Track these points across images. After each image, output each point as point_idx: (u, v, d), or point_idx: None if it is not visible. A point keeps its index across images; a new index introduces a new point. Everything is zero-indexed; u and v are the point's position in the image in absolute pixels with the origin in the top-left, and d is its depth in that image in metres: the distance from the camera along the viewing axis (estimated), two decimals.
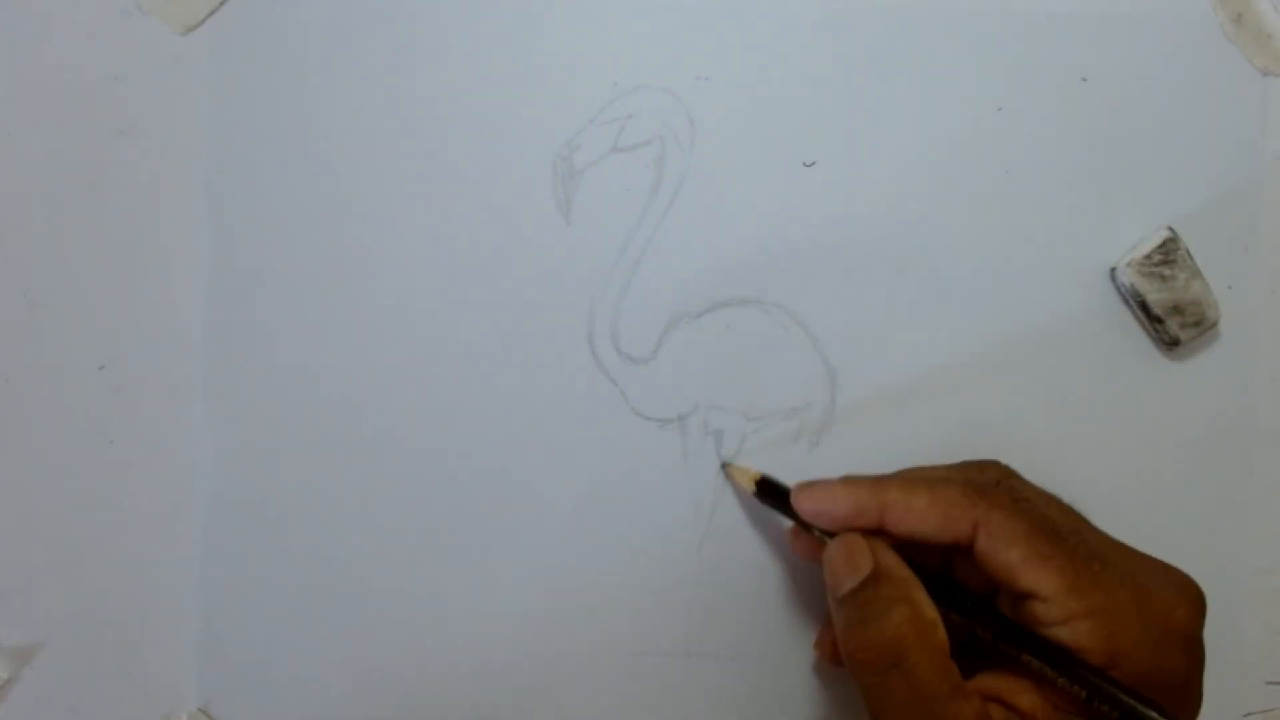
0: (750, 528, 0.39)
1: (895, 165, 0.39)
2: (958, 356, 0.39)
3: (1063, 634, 0.30)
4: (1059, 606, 0.30)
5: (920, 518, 0.32)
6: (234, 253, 0.38)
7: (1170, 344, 0.39)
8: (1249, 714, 0.40)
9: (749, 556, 0.39)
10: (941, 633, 0.31)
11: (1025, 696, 0.31)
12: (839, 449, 0.39)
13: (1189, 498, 0.39)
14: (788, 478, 0.39)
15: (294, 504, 0.38)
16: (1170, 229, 0.39)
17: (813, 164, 0.39)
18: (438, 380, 0.38)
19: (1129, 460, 0.39)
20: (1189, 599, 0.32)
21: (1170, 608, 0.31)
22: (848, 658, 0.32)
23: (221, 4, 0.38)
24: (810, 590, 0.39)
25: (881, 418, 0.39)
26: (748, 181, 0.39)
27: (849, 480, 0.34)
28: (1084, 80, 0.39)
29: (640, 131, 0.39)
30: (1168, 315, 0.39)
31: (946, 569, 0.35)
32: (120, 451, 0.38)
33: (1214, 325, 0.39)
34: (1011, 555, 0.31)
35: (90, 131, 0.38)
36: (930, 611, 0.31)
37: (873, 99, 0.39)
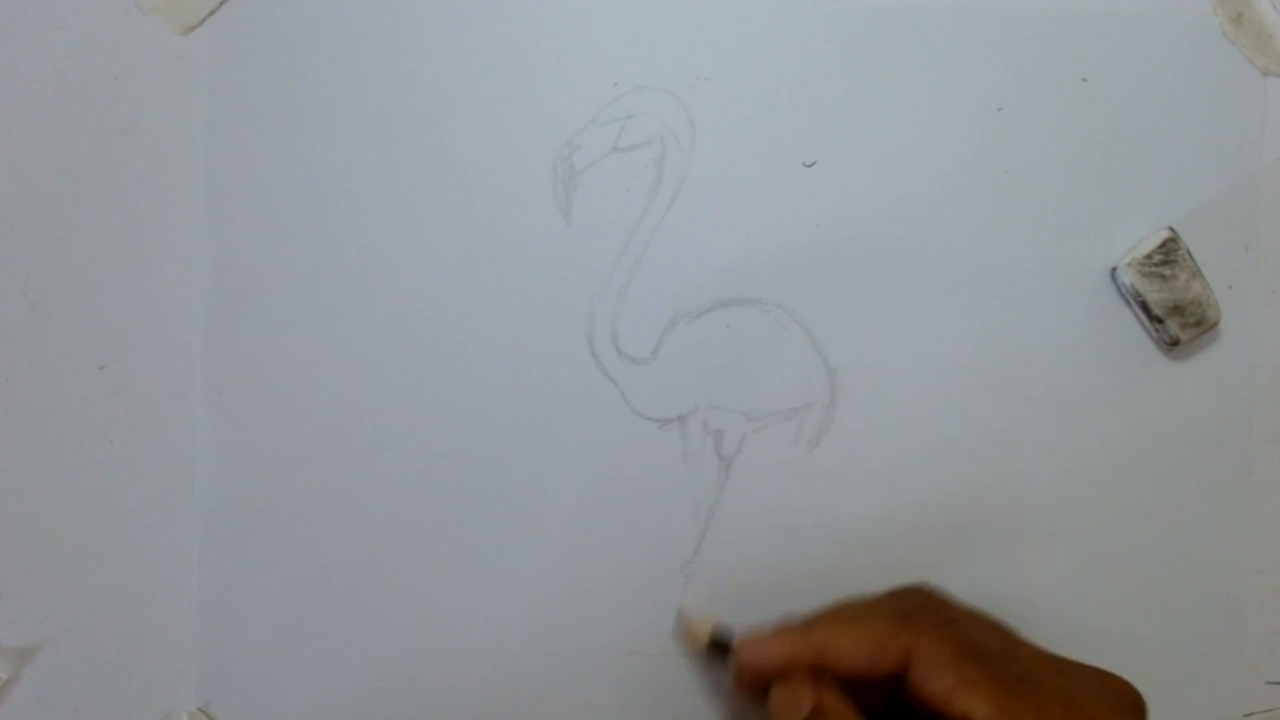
0: (750, 528, 0.39)
1: (895, 165, 0.39)
2: (958, 356, 0.39)
3: None
4: None
5: (851, 655, 0.33)
6: (234, 253, 0.38)
7: (1170, 344, 0.39)
8: (1249, 714, 0.39)
9: (749, 556, 0.39)
10: None
11: None
12: (839, 449, 0.39)
13: (1189, 498, 0.39)
14: (788, 479, 0.39)
15: (293, 504, 0.38)
16: (1171, 229, 0.39)
17: (813, 164, 0.39)
18: (437, 380, 0.38)
19: (1129, 460, 0.39)
20: (1125, 708, 0.33)
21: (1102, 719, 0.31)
22: None
23: (221, 4, 0.38)
24: (810, 590, 0.39)
25: (881, 418, 0.39)
26: (748, 181, 0.39)
27: (782, 629, 0.35)
28: (1084, 80, 0.39)
29: (640, 131, 0.39)
30: (1168, 315, 0.39)
31: (895, 701, 0.35)
32: (120, 451, 0.38)
33: (1214, 325, 0.39)
34: (942, 682, 0.31)
35: (90, 131, 0.38)
36: None
37: (873, 99, 0.39)
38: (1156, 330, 0.39)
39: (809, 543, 0.39)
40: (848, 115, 0.39)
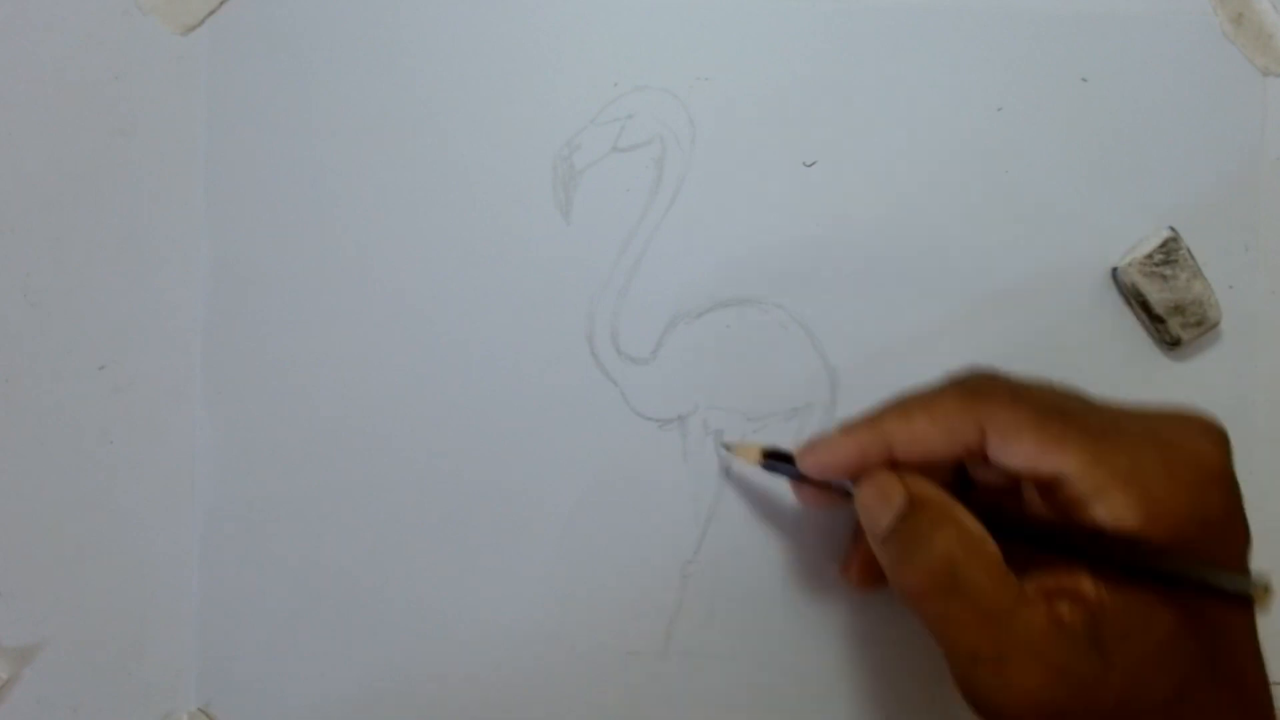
0: (750, 528, 0.39)
1: (895, 165, 0.39)
2: (958, 356, 0.39)
3: (1098, 509, 0.29)
4: (1086, 483, 0.30)
5: (925, 439, 0.32)
6: (234, 253, 0.38)
7: (1171, 344, 0.39)
8: None
9: (749, 556, 0.39)
10: (992, 545, 0.30)
11: (1085, 583, 0.30)
12: None
13: None
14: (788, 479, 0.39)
15: (293, 504, 0.38)
16: (1171, 229, 0.39)
17: (813, 164, 0.39)
18: (437, 380, 0.38)
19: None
20: (1212, 438, 0.31)
21: (1196, 451, 0.30)
22: (903, 594, 0.31)
23: (221, 4, 0.38)
24: (811, 590, 0.39)
25: None
26: (748, 181, 0.39)
27: (847, 427, 0.34)
28: (1084, 80, 0.39)
29: (640, 131, 0.39)
30: (1169, 315, 0.39)
31: (968, 486, 0.35)
32: (120, 451, 0.38)
33: (1215, 325, 0.39)
34: (1025, 446, 0.30)
35: (90, 131, 0.38)
36: (976, 526, 0.31)
37: (873, 99, 0.39)
38: (1157, 330, 0.39)
39: (809, 543, 0.39)
40: (848, 115, 0.39)
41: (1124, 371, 0.39)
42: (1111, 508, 0.29)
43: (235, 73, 0.38)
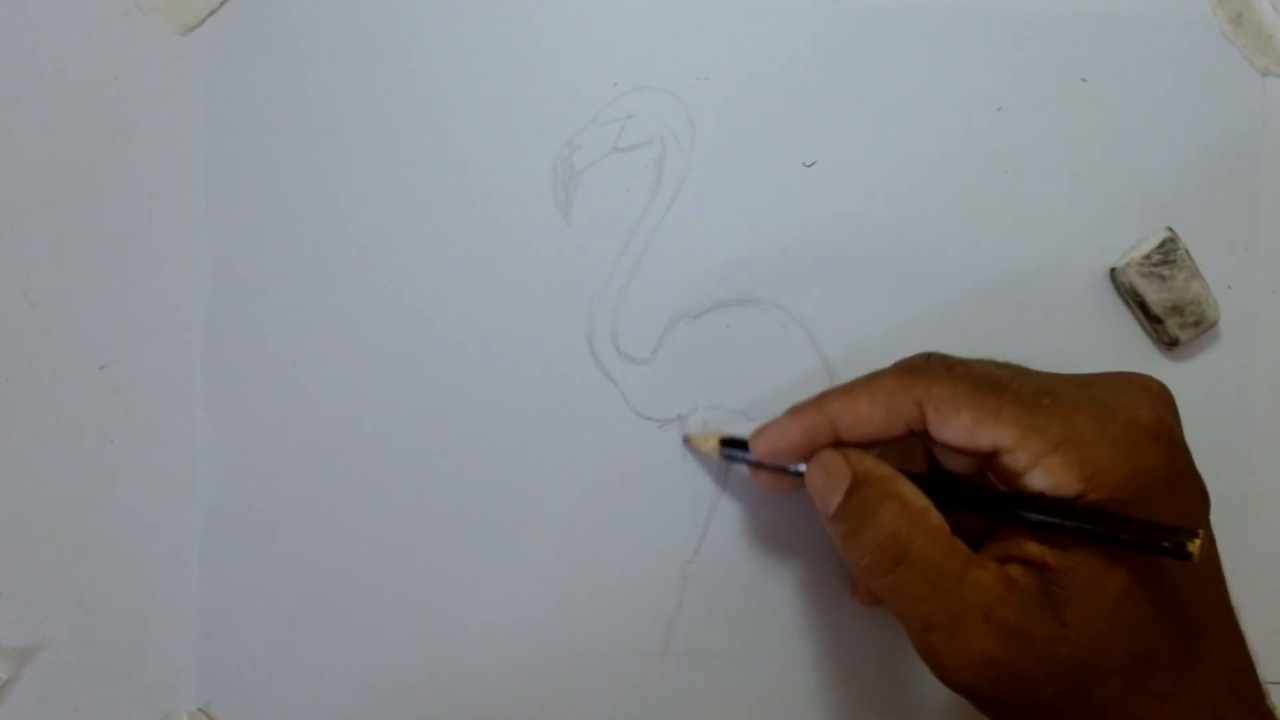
0: (750, 528, 0.39)
1: (895, 165, 0.39)
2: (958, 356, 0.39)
3: (1036, 477, 0.30)
4: (1023, 452, 0.30)
5: (868, 417, 0.32)
6: (234, 253, 0.38)
7: (1170, 344, 0.39)
8: None
9: (749, 556, 0.39)
10: (935, 515, 0.31)
11: (1031, 546, 0.30)
12: None
13: None
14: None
15: (293, 504, 0.38)
16: (1170, 229, 0.39)
17: (813, 164, 0.39)
18: (437, 380, 0.38)
19: None
20: (1151, 397, 0.31)
21: (1132, 411, 0.30)
22: (856, 570, 0.32)
23: (221, 4, 0.38)
24: (811, 590, 0.39)
25: None
26: (748, 181, 0.39)
27: (794, 410, 0.34)
28: (1084, 80, 0.39)
29: (640, 131, 0.39)
30: (1167, 315, 0.39)
31: (933, 472, 0.35)
32: (120, 451, 0.38)
33: (1214, 325, 0.39)
34: (962, 419, 0.31)
35: (90, 131, 0.38)
36: (919, 499, 0.31)
37: (873, 99, 0.39)
38: (1156, 330, 0.39)
39: (809, 542, 0.39)
40: (848, 115, 0.39)
41: None
42: (1050, 474, 0.30)
43: (235, 73, 0.38)
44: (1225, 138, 0.40)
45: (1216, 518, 0.40)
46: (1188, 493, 0.31)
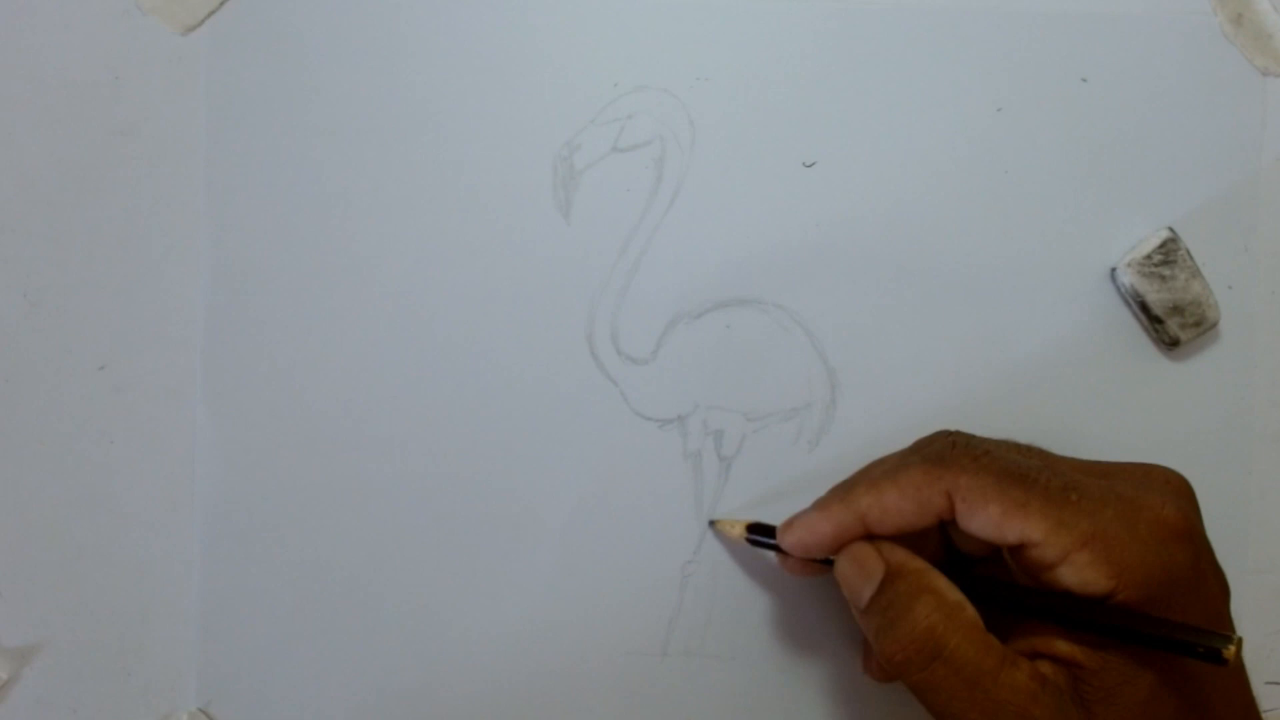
0: None
1: (895, 165, 0.39)
2: (957, 357, 0.39)
3: (1064, 572, 0.30)
4: (1051, 547, 0.30)
5: (896, 511, 0.32)
6: (234, 253, 0.38)
7: (1170, 344, 0.39)
8: None
9: (749, 556, 0.39)
10: (971, 610, 0.31)
11: (1060, 644, 0.31)
12: (839, 449, 0.39)
13: None
14: (787, 478, 0.39)
15: (293, 504, 0.38)
16: (1170, 229, 0.39)
17: (813, 164, 0.39)
18: (437, 380, 0.38)
19: (1128, 460, 0.39)
20: (1175, 493, 0.32)
21: (1158, 509, 0.31)
22: (888, 663, 0.32)
23: (221, 4, 0.38)
24: (811, 590, 0.39)
25: (881, 418, 0.39)
26: (748, 181, 0.39)
27: (821, 504, 0.34)
28: (1084, 80, 0.39)
29: (640, 131, 0.39)
30: (1168, 315, 0.39)
31: (948, 552, 0.35)
32: (120, 451, 0.38)
33: (1214, 325, 0.39)
34: (990, 513, 0.31)
35: (90, 131, 0.38)
36: (954, 593, 0.31)
37: (873, 99, 0.39)
38: (1156, 330, 0.39)
39: None
40: (848, 115, 0.39)
41: (1123, 372, 0.39)
42: (1078, 571, 0.30)
43: (235, 73, 0.38)
44: (1225, 138, 0.40)
45: (1216, 517, 0.40)
46: (1211, 589, 0.32)
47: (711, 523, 0.39)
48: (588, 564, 0.39)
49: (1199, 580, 0.31)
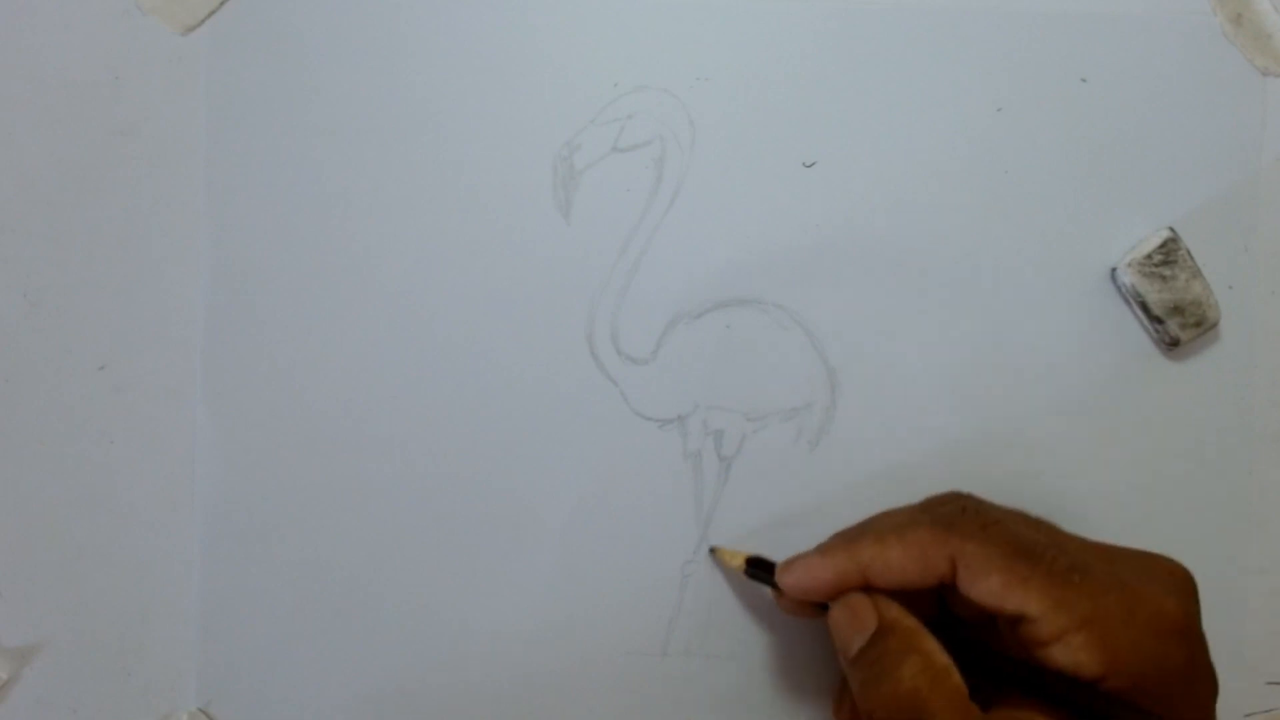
0: (750, 528, 0.39)
1: (895, 165, 0.39)
2: (957, 357, 0.39)
3: (1057, 652, 0.30)
4: (1048, 625, 0.30)
5: (899, 568, 0.32)
6: (234, 253, 0.38)
7: (1170, 344, 0.39)
8: (1249, 714, 0.40)
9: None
10: (956, 677, 0.31)
11: (1040, 718, 0.31)
12: (839, 449, 0.39)
13: (1189, 498, 0.39)
14: (788, 479, 0.39)
15: (293, 504, 0.38)
16: (1171, 229, 0.39)
17: (813, 164, 0.39)
18: (437, 381, 0.38)
19: (1129, 460, 0.39)
20: (1177, 587, 0.32)
21: (1158, 601, 0.31)
22: (868, 717, 0.32)
23: (221, 4, 0.38)
24: None
25: (881, 418, 0.39)
26: (748, 181, 0.39)
27: (825, 549, 0.34)
28: (1084, 80, 0.39)
29: (640, 131, 0.39)
30: (1168, 315, 0.39)
31: (941, 611, 0.35)
32: (120, 451, 0.38)
33: (1214, 325, 0.39)
34: (992, 583, 0.31)
35: (90, 131, 0.38)
36: (942, 658, 0.31)
37: (873, 99, 0.39)
38: (1156, 330, 0.39)
39: (809, 543, 0.39)
40: (848, 115, 0.39)
41: (1123, 372, 0.39)
42: (1072, 652, 0.30)
43: (235, 73, 0.38)
44: (1226, 138, 0.40)
45: (1217, 517, 0.40)
46: (1202, 685, 0.32)
47: (711, 550, 0.39)
48: (588, 564, 0.39)
49: (1190, 677, 0.31)
